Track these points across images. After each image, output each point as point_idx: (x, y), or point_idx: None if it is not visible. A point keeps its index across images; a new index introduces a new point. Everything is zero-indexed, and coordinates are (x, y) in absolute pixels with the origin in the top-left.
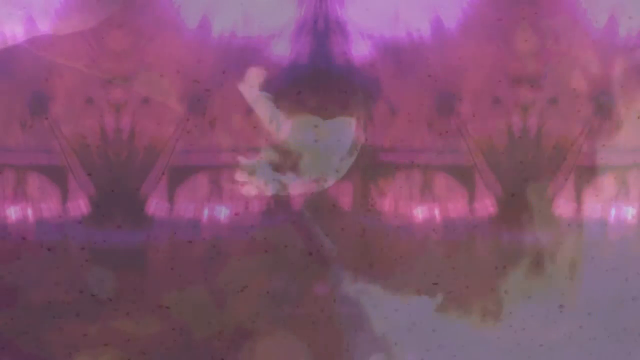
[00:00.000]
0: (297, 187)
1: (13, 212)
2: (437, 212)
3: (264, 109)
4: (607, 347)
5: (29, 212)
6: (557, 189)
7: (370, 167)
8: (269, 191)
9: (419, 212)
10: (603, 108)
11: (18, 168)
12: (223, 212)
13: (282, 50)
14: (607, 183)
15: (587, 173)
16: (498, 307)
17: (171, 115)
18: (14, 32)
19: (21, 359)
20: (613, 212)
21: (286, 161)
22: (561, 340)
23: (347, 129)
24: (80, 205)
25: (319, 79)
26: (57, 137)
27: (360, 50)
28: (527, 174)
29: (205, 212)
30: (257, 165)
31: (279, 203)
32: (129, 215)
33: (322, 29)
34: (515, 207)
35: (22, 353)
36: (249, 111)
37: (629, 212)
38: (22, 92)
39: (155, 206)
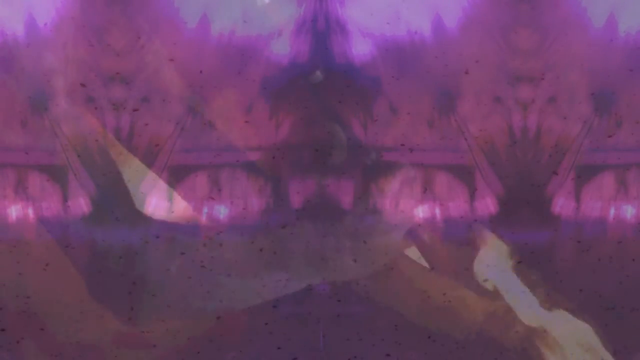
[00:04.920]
0: None
1: (14, 211)
2: (437, 211)
3: None
4: (607, 346)
5: (30, 211)
6: (556, 187)
7: (371, 166)
8: None
9: (420, 212)
10: (601, 106)
11: (18, 167)
12: (222, 212)
13: (282, 49)
14: (607, 182)
15: (587, 172)
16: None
17: (171, 114)
18: (14, 31)
19: (22, 358)
20: (612, 211)
21: None
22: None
23: None
24: (80, 204)
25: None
26: (57, 136)
27: (360, 49)
28: (527, 173)
29: (205, 211)
30: None
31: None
32: (130, 213)
33: (322, 28)
34: (515, 206)
35: (23, 352)
36: (248, 110)
37: (629, 211)
38: (22, 91)
39: (157, 205)
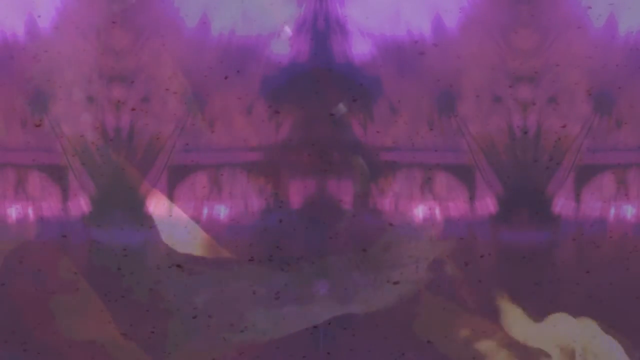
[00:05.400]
0: None
1: (14, 211)
2: (437, 211)
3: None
4: (607, 347)
5: (30, 211)
6: (556, 187)
7: (371, 166)
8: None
9: (419, 211)
10: (601, 106)
11: (18, 167)
12: (222, 212)
13: (282, 49)
14: (607, 182)
15: (587, 172)
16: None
17: (171, 114)
18: (14, 31)
19: (21, 358)
20: (612, 211)
21: None
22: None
23: None
24: (80, 204)
25: (318, 78)
26: (57, 136)
27: (360, 49)
28: (527, 173)
29: (205, 211)
30: None
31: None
32: (130, 214)
33: (322, 28)
34: (515, 206)
35: (23, 352)
36: (248, 110)
37: (629, 211)
38: (22, 91)
39: (157, 205)
